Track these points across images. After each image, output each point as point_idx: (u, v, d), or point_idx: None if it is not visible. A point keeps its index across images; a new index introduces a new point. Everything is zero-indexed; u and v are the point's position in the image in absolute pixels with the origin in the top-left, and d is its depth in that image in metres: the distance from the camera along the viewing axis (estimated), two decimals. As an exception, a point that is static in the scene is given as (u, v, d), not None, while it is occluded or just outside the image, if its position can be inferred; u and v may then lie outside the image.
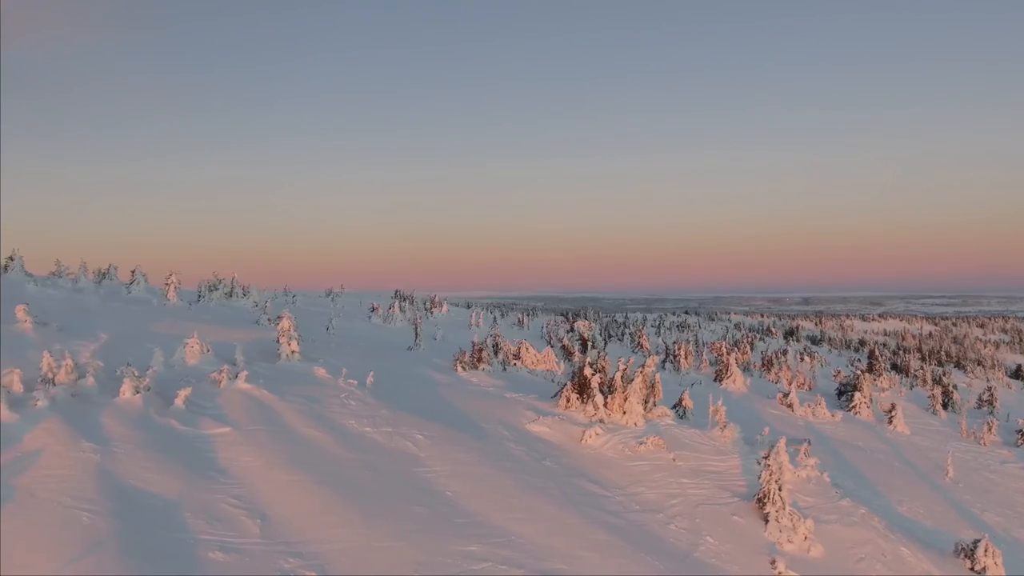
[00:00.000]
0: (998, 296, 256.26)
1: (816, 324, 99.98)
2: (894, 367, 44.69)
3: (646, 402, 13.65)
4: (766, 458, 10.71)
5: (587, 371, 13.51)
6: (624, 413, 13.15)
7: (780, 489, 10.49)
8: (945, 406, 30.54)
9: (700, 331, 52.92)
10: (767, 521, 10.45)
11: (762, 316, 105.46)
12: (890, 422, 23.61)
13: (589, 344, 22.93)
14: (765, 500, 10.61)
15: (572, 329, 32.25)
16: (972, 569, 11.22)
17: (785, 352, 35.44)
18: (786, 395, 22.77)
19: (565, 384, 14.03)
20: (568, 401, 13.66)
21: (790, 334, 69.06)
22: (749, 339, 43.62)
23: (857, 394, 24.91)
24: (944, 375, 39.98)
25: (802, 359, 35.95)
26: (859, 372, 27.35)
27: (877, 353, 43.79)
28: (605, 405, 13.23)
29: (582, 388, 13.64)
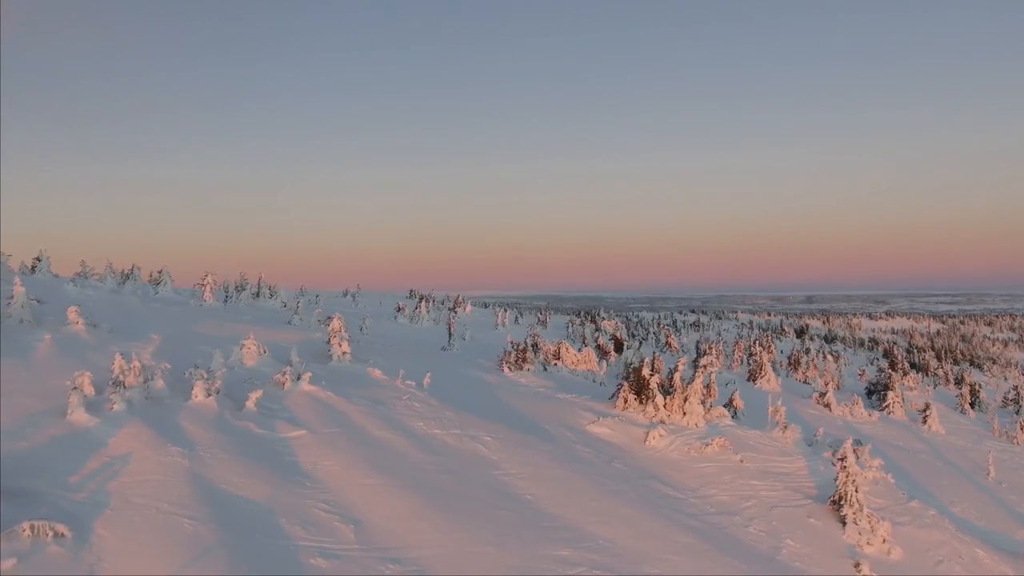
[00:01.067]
0: (1003, 294, 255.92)
1: (824, 323, 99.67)
2: (912, 366, 44.56)
3: (704, 403, 13.52)
4: (842, 460, 10.59)
5: (645, 372, 13.37)
6: (684, 414, 13.03)
7: (857, 491, 10.38)
8: (972, 405, 30.42)
9: (717, 330, 52.73)
10: (844, 523, 10.34)
11: (768, 315, 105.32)
12: (924, 421, 23.49)
13: (624, 344, 22.81)
14: (842, 502, 10.49)
15: (598, 328, 32.27)
16: (1047, 571, 11.09)
17: (807, 351, 35.30)
18: (823, 394, 22.65)
19: (622, 385, 13.89)
20: (626, 402, 13.53)
21: (802, 333, 68.95)
22: (767, 338, 43.44)
23: (890, 393, 24.80)
24: (964, 374, 39.86)
25: (825, 358, 35.80)
26: (888, 372, 27.24)
27: (896, 352, 43.70)
28: (664, 406, 13.10)
29: (640, 389, 13.51)
